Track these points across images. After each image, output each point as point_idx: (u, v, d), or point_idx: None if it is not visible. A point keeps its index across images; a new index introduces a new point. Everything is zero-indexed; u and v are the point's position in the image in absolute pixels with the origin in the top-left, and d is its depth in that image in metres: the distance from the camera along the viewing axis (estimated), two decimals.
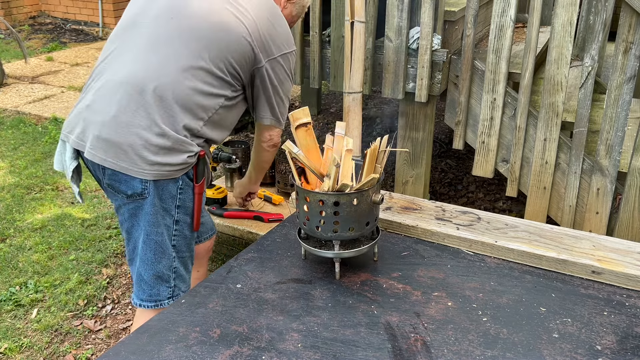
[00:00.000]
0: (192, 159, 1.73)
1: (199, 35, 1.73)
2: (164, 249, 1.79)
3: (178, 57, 1.70)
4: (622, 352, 1.25)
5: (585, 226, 2.57)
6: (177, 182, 1.74)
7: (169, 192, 1.74)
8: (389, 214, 1.78)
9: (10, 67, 6.70)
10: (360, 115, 2.21)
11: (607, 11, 2.32)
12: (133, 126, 1.64)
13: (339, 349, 1.25)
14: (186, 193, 1.78)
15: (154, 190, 1.71)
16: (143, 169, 1.66)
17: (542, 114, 2.52)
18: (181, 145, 1.69)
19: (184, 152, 1.70)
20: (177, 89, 1.68)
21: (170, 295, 1.85)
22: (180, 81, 1.68)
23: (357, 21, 2.13)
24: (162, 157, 1.67)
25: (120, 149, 1.65)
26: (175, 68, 1.69)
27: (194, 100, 1.71)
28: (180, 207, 1.78)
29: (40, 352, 2.53)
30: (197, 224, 1.84)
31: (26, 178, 4.08)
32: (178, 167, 1.71)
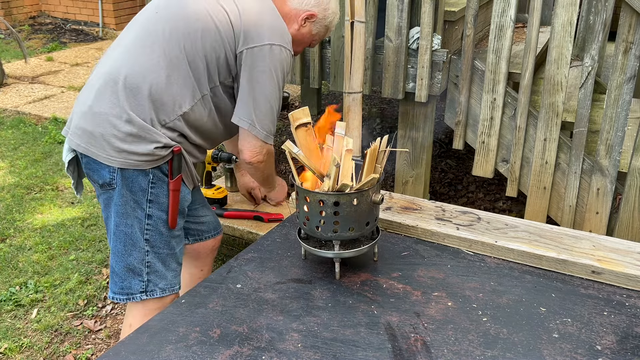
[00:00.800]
0: (161, 151, 1.70)
1: (176, 25, 1.73)
2: (134, 242, 1.77)
3: (154, 48, 1.71)
4: (622, 352, 1.25)
5: (585, 226, 2.57)
6: (148, 175, 1.72)
7: (139, 184, 1.72)
8: (389, 214, 1.78)
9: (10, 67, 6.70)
10: (360, 115, 2.21)
11: (607, 11, 2.32)
12: (105, 114, 1.68)
13: (339, 349, 1.25)
14: (159, 188, 1.75)
15: (121, 180, 1.71)
16: (110, 156, 1.68)
17: (542, 114, 2.52)
18: (148, 133, 1.68)
19: (151, 142, 1.68)
20: (148, 78, 1.68)
21: (143, 290, 1.81)
22: (153, 71, 1.69)
23: (357, 21, 2.13)
24: (128, 145, 1.67)
25: (93, 135, 1.69)
26: (149, 58, 1.70)
27: (167, 91, 1.69)
28: (152, 201, 1.75)
29: (40, 352, 2.53)
30: (172, 221, 1.80)
31: (26, 178, 4.08)
32: (145, 157, 1.69)
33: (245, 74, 1.74)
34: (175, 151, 1.73)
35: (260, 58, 1.72)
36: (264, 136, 1.79)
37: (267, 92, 1.75)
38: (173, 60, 1.70)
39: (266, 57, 1.72)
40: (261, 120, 1.77)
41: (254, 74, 1.73)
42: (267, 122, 1.78)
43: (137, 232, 1.77)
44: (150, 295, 1.81)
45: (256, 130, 1.77)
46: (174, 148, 1.73)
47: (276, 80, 1.76)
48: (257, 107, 1.75)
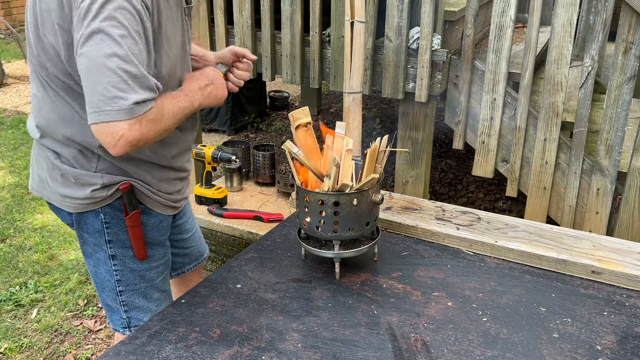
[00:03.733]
0: (102, 192, 1.50)
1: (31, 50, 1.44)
2: (102, 282, 1.64)
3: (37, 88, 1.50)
4: (622, 352, 1.25)
5: (585, 226, 2.57)
6: (99, 215, 1.54)
7: (93, 226, 1.56)
8: (389, 214, 1.78)
9: (10, 67, 6.70)
10: (360, 115, 2.20)
11: (607, 11, 2.32)
12: (42, 159, 1.57)
13: (339, 349, 1.25)
14: (115, 226, 1.56)
15: (77, 223, 1.58)
16: (58, 200, 1.55)
17: (542, 114, 2.52)
18: (79, 178, 1.49)
19: (87, 186, 1.50)
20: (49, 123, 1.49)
21: (125, 326, 1.69)
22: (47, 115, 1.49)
23: (357, 21, 2.12)
24: (68, 190, 1.52)
25: (41, 180, 1.58)
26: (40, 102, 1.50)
27: (69, 128, 1.47)
28: (112, 241, 1.58)
29: (40, 352, 2.53)
30: (139, 255, 1.61)
31: (26, 178, 4.08)
32: (87, 200, 1.51)
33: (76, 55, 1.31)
34: (123, 189, 1.51)
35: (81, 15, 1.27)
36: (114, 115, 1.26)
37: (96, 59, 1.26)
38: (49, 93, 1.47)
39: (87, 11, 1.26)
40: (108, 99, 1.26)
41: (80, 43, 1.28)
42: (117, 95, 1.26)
43: (105, 274, 1.63)
44: (134, 329, 1.66)
45: (104, 115, 1.26)
46: (120, 186, 1.51)
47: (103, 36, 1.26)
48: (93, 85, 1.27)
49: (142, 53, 1.32)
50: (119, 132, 1.27)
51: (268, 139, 4.82)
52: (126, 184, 1.51)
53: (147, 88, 1.30)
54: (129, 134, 1.28)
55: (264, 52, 3.03)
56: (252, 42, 3.03)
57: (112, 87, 1.25)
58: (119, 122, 1.27)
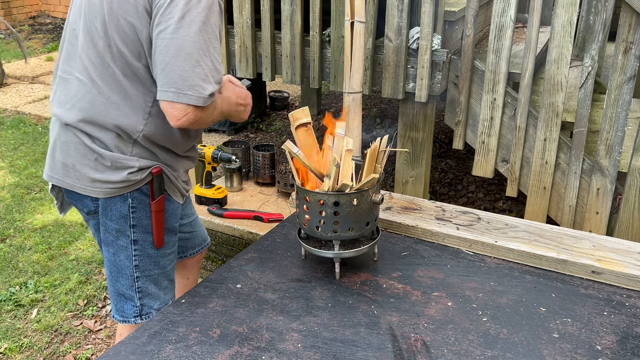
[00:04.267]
0: (136, 175, 1.60)
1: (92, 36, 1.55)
2: (120, 269, 1.70)
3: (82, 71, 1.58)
4: (622, 352, 1.25)
5: (585, 226, 2.57)
6: (127, 199, 1.62)
7: (119, 211, 1.63)
8: (389, 214, 1.78)
9: (10, 67, 6.70)
10: (360, 115, 2.21)
11: (607, 11, 2.32)
12: (72, 143, 1.61)
13: (339, 349, 1.25)
14: (141, 211, 1.65)
15: (102, 209, 1.64)
16: (86, 186, 1.61)
17: (542, 114, 2.52)
18: (117, 162, 1.58)
19: (123, 169, 1.59)
20: (91, 107, 1.56)
21: (137, 314, 1.75)
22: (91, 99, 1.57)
23: (357, 21, 2.13)
24: (101, 174, 1.59)
25: (66, 166, 1.63)
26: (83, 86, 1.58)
27: (114, 112, 1.56)
28: (136, 226, 1.66)
29: (40, 352, 2.53)
30: (158, 241, 1.70)
31: (26, 178, 4.08)
32: (121, 184, 1.60)
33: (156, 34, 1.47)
34: (155, 173, 1.62)
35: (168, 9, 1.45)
36: (193, 99, 1.47)
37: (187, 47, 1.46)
38: (105, 78, 1.55)
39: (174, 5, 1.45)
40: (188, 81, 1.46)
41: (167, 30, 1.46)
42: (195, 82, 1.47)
43: (124, 260, 1.69)
44: (146, 318, 1.74)
45: (183, 97, 1.47)
46: (153, 170, 1.62)
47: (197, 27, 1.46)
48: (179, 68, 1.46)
49: (219, 49, 1.54)
50: (187, 111, 1.48)
51: (268, 139, 4.82)
52: (158, 168, 1.63)
53: (217, 82, 1.52)
54: (192, 116, 1.49)
55: (264, 52, 3.03)
56: (252, 42, 3.03)
57: (196, 77, 1.46)
58: (189, 107, 1.48)
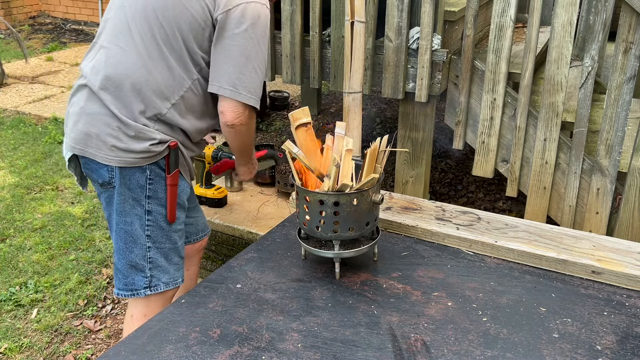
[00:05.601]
0: (157, 147, 1.71)
1: (144, 14, 1.69)
2: (135, 239, 1.79)
3: (128, 43, 1.70)
4: (622, 352, 1.25)
5: (585, 226, 2.57)
6: (145, 171, 1.73)
7: (137, 181, 1.74)
8: (389, 214, 1.78)
9: (10, 67, 6.70)
10: (360, 115, 2.20)
11: (607, 11, 2.32)
12: (97, 114, 1.71)
13: (339, 349, 1.25)
14: (157, 184, 1.76)
15: (120, 178, 1.73)
16: (107, 155, 1.71)
17: (542, 114, 2.52)
18: (141, 132, 1.69)
19: (146, 140, 1.70)
20: (130, 76, 1.68)
21: (147, 285, 1.83)
22: (133, 68, 1.68)
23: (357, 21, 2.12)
24: (123, 144, 1.69)
25: (88, 136, 1.72)
26: (127, 56, 1.69)
27: (152, 86, 1.68)
28: (151, 197, 1.76)
29: (40, 352, 2.53)
30: (171, 215, 1.80)
31: (26, 178, 4.08)
32: (141, 154, 1.70)
33: (220, 39, 1.68)
34: (172, 146, 1.74)
35: (236, 20, 1.65)
36: (247, 98, 1.71)
37: (248, 54, 1.68)
38: (151, 53, 1.68)
39: (242, 17, 1.65)
40: (244, 83, 1.69)
41: (232, 37, 1.66)
42: (251, 85, 1.71)
43: (138, 229, 1.78)
44: (154, 290, 1.83)
45: (239, 95, 1.70)
46: (170, 143, 1.73)
47: (256, 40, 1.69)
48: (238, 70, 1.68)
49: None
50: (240, 112, 1.72)
51: (268, 139, 4.82)
52: (175, 142, 1.75)
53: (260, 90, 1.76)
54: (244, 118, 1.74)
55: None
56: None
57: (253, 82, 1.70)
58: (246, 107, 1.73)
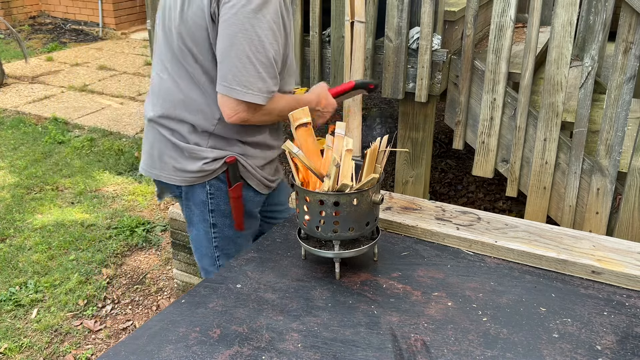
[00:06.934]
0: (211, 165, 1.71)
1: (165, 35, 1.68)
2: (204, 249, 1.86)
3: (162, 69, 1.71)
4: (622, 352, 1.25)
5: (585, 226, 2.57)
6: (205, 187, 1.75)
7: (199, 197, 1.77)
8: (389, 214, 1.78)
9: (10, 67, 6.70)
10: (360, 115, 2.21)
11: (607, 11, 2.32)
12: (155, 135, 1.76)
13: (339, 349, 1.25)
14: (218, 197, 1.77)
15: (185, 194, 1.78)
16: (170, 175, 1.76)
17: (542, 114, 2.52)
18: (193, 153, 1.70)
19: (199, 160, 1.71)
20: (171, 101, 1.69)
21: None
22: (170, 93, 1.69)
23: (357, 21, 2.13)
24: (181, 164, 1.73)
25: (152, 157, 1.78)
26: (163, 82, 1.71)
27: (191, 106, 1.68)
28: (214, 210, 1.78)
29: (40, 352, 2.53)
30: (238, 225, 1.81)
31: (26, 178, 4.08)
32: (197, 173, 1.72)
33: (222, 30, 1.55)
34: (229, 162, 1.71)
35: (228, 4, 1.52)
36: (240, 94, 1.55)
37: (239, 42, 1.53)
38: (180, 74, 1.68)
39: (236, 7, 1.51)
40: (237, 76, 1.54)
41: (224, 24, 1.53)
42: (245, 77, 1.54)
43: (206, 242, 1.84)
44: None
45: (231, 90, 1.56)
46: (227, 159, 1.71)
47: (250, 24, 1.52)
48: (230, 62, 1.54)
49: (280, 49, 1.59)
50: (237, 109, 1.59)
51: None
52: (232, 157, 1.72)
53: (274, 83, 1.60)
54: (243, 114, 1.60)
55: None
56: None
57: (247, 74, 1.54)
58: (241, 103, 1.57)
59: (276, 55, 1.58)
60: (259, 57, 1.54)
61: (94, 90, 6.08)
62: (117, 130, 5.01)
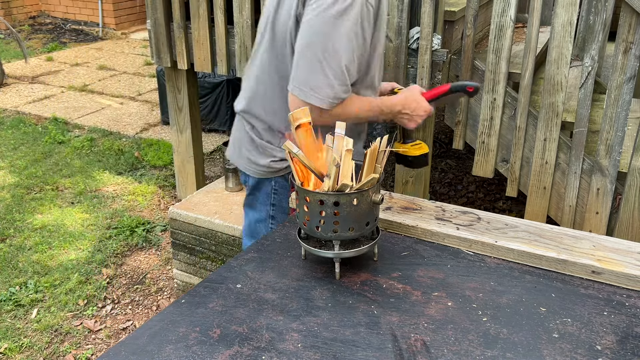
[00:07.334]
0: (278, 164, 1.80)
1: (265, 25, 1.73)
2: (256, 235, 1.94)
3: (250, 66, 1.80)
4: (622, 352, 1.25)
5: (585, 226, 2.57)
6: (271, 182, 1.83)
7: (265, 190, 1.86)
8: (389, 214, 1.78)
9: (10, 67, 6.69)
10: None
11: (607, 11, 2.32)
12: (237, 130, 1.88)
13: (339, 349, 1.25)
14: (281, 195, 1.85)
15: (253, 183, 1.87)
16: (245, 165, 1.86)
17: (542, 114, 2.52)
18: (264, 149, 1.79)
19: (268, 156, 1.79)
20: (253, 98, 1.78)
21: None
22: (253, 89, 1.78)
23: None
24: (253, 157, 1.82)
25: (234, 145, 1.90)
26: (248, 79, 1.80)
27: (268, 104, 1.74)
28: (275, 205, 1.87)
29: (40, 352, 2.53)
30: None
31: (26, 178, 4.08)
32: (265, 168, 1.81)
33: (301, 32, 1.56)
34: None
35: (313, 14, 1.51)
36: (306, 95, 1.56)
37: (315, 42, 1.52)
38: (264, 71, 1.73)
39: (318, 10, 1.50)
40: (305, 77, 1.54)
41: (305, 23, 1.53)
42: (313, 80, 1.54)
43: (262, 228, 1.93)
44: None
45: (297, 90, 1.57)
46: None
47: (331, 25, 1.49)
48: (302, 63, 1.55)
49: (356, 59, 1.57)
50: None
51: None
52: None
53: (343, 90, 1.57)
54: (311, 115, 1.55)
55: None
56: (252, 42, 3.03)
57: (316, 78, 1.52)
58: (307, 104, 1.55)
59: (349, 64, 1.55)
60: (330, 63, 1.52)
61: (94, 90, 6.08)
62: (117, 130, 5.01)
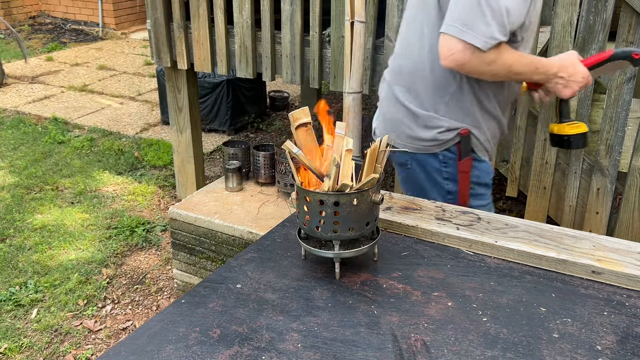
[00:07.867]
0: (445, 134, 1.72)
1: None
2: None
3: (404, 31, 1.76)
4: (622, 352, 1.25)
5: (585, 226, 2.57)
6: (438, 156, 1.77)
7: (432, 165, 1.79)
8: (389, 214, 1.78)
9: (10, 67, 6.70)
10: (361, 115, 2.21)
11: (607, 11, 2.32)
12: (396, 101, 1.79)
13: (339, 349, 1.25)
14: (452, 167, 1.78)
15: (415, 163, 1.80)
16: (403, 142, 1.79)
17: (542, 114, 2.52)
18: (428, 121, 1.72)
19: (434, 128, 1.72)
20: (409, 65, 1.73)
21: None
22: (410, 57, 1.73)
23: (357, 21, 2.13)
24: (414, 132, 1.75)
25: (390, 122, 1.82)
26: (403, 46, 1.76)
27: (426, 72, 1.69)
28: (448, 179, 1.80)
29: (40, 352, 2.54)
30: (462, 201, 1.81)
31: (26, 178, 4.08)
32: (430, 142, 1.74)
33: None
34: (462, 134, 1.71)
35: None
36: (458, 31, 1.49)
37: None
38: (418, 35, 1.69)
39: None
40: (460, 15, 1.49)
41: None
42: (468, 17, 1.48)
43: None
44: None
45: (450, 28, 1.51)
46: (461, 131, 1.71)
47: None
48: (460, 6, 1.50)
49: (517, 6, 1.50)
50: (454, 49, 1.50)
51: (268, 139, 4.83)
52: (465, 130, 1.71)
53: (500, 31, 1.49)
54: (458, 55, 1.50)
55: (264, 52, 3.03)
56: (252, 42, 3.03)
57: (472, 14, 1.47)
58: (459, 42, 1.49)
59: (510, 8, 1.49)
60: (490, 1, 1.47)
61: (94, 90, 6.08)
62: (117, 130, 5.01)
